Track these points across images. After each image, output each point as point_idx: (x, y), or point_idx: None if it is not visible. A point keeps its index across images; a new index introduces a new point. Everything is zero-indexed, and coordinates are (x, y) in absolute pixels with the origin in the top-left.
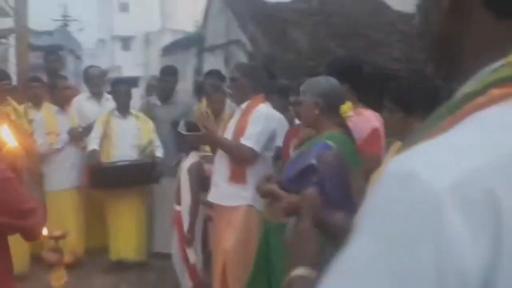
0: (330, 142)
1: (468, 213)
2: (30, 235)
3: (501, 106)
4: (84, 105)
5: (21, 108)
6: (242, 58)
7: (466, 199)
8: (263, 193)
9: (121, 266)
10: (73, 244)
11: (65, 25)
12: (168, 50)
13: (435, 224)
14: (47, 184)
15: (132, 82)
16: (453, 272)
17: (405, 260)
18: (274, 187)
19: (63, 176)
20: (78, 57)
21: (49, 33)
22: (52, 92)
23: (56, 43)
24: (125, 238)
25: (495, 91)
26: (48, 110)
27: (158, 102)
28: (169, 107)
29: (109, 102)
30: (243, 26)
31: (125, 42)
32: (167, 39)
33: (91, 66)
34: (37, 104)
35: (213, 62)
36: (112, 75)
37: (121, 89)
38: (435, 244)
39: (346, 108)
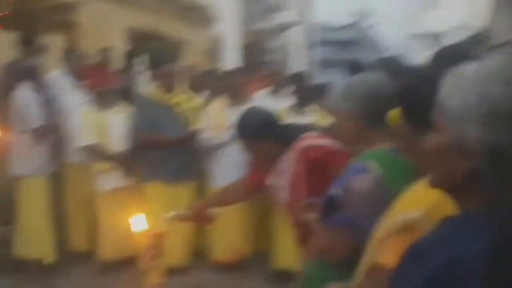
0: (369, 163)
1: None
2: None
3: None
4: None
5: (196, 99)
6: None
7: None
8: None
9: (283, 276)
10: (237, 244)
11: (361, 20)
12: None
13: None
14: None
15: None
16: None
17: None
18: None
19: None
20: (375, 53)
21: (342, 27)
22: (226, 86)
23: (349, 38)
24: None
25: None
26: (220, 103)
27: None
28: None
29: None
30: None
31: (432, 38)
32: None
33: None
34: (212, 96)
35: None
36: None
37: None
38: None
39: (395, 115)
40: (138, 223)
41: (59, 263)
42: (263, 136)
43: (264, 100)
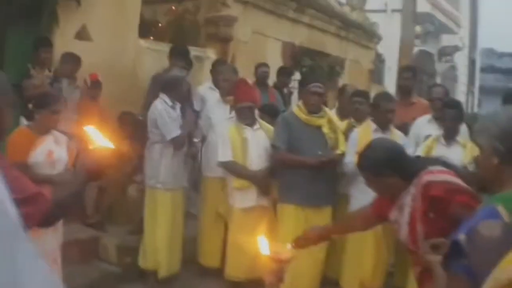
0: (499, 207)
1: None
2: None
3: None
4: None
5: (341, 122)
6: None
7: None
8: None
9: None
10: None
11: None
12: None
13: None
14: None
15: None
16: None
17: None
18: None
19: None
20: None
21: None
22: (375, 110)
23: None
24: None
25: None
26: (366, 127)
27: None
28: None
29: None
30: None
31: None
32: None
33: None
34: (359, 120)
35: None
36: None
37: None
38: None
39: None
40: (266, 245)
41: (187, 276)
42: (385, 171)
43: (422, 127)
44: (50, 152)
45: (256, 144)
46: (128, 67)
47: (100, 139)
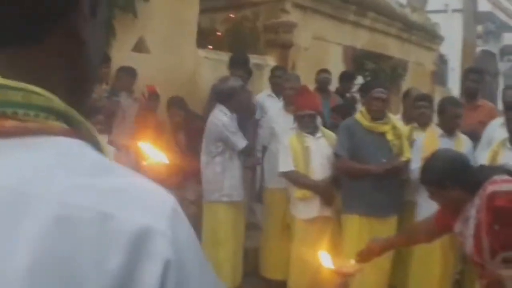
0: None
1: None
2: None
3: None
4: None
5: (404, 127)
6: None
7: None
8: None
9: None
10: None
11: None
12: None
13: None
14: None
15: None
16: None
17: None
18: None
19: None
20: None
21: None
22: (441, 115)
23: None
24: None
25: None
26: (431, 132)
27: None
28: None
29: None
30: None
31: None
32: None
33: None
34: (423, 124)
35: None
36: None
37: None
38: None
39: None
40: (329, 259)
41: None
42: (448, 184)
43: (494, 131)
44: None
45: (318, 152)
46: (186, 77)
47: (154, 154)
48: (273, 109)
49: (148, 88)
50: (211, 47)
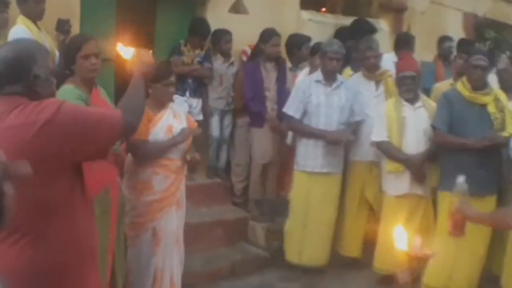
0: None
1: None
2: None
3: None
4: None
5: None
6: None
7: None
8: None
9: None
10: None
11: None
12: None
13: None
14: None
15: None
16: None
17: None
18: None
19: None
20: None
21: None
22: None
23: None
24: None
25: None
26: None
27: None
28: None
29: None
30: None
31: None
32: None
33: None
34: None
35: None
36: None
37: None
38: None
39: None
40: (404, 239)
41: (329, 267)
42: None
43: None
44: (170, 126)
45: (415, 124)
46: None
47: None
48: (353, 78)
49: (251, 48)
50: (324, 9)
